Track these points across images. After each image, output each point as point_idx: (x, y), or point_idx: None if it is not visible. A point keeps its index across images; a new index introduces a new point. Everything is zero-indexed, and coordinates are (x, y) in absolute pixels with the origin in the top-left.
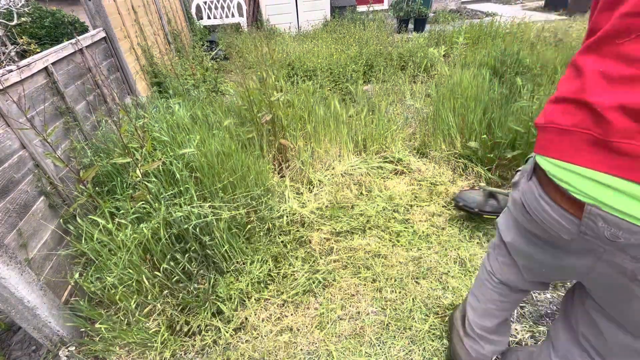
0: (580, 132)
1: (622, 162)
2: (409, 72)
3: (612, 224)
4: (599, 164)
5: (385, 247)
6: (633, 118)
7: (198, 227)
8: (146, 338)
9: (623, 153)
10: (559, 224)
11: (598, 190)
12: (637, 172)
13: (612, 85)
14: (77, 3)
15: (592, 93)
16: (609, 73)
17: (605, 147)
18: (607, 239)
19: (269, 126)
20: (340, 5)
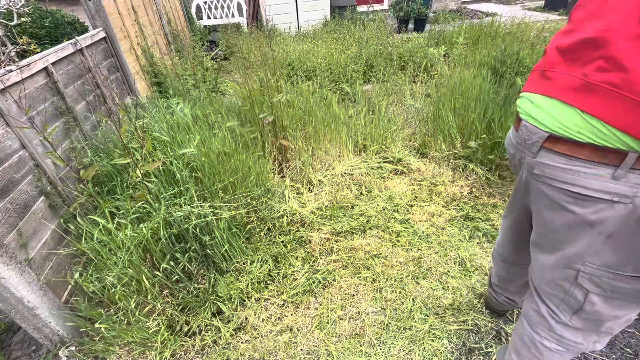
0: (535, 70)
1: (546, 84)
2: (409, 72)
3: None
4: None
5: (385, 247)
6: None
7: (198, 227)
8: (146, 338)
9: (548, 78)
10: (510, 142)
11: (529, 107)
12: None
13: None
14: (77, 3)
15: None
16: (562, 30)
17: (542, 76)
18: (524, 141)
19: (270, 126)
20: (340, 5)
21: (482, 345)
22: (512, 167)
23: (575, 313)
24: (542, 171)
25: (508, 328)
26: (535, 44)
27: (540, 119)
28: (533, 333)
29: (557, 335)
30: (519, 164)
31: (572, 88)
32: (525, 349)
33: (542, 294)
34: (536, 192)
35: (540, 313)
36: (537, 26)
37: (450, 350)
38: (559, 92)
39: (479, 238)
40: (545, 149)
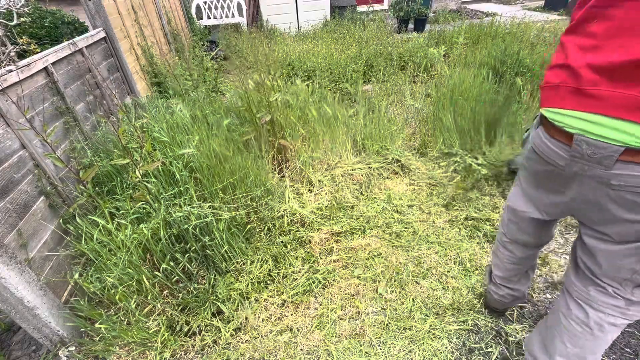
0: (565, 86)
1: (591, 102)
2: (409, 72)
3: (592, 145)
4: (578, 105)
5: (385, 247)
6: (597, 72)
7: (198, 227)
8: (146, 338)
9: (591, 96)
10: (556, 154)
11: (580, 124)
12: (600, 107)
13: (584, 53)
14: (77, 3)
15: (571, 58)
16: (581, 45)
17: (581, 93)
18: (589, 156)
19: (269, 126)
20: (340, 5)
21: (482, 345)
22: (544, 175)
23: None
24: (625, 181)
25: (508, 328)
26: (535, 44)
27: (608, 135)
28: (599, 314)
29: (623, 309)
30: (573, 175)
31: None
32: (587, 333)
33: (608, 278)
34: (616, 200)
35: (608, 294)
36: (537, 26)
37: (450, 350)
38: (619, 111)
39: (479, 238)
40: (623, 162)
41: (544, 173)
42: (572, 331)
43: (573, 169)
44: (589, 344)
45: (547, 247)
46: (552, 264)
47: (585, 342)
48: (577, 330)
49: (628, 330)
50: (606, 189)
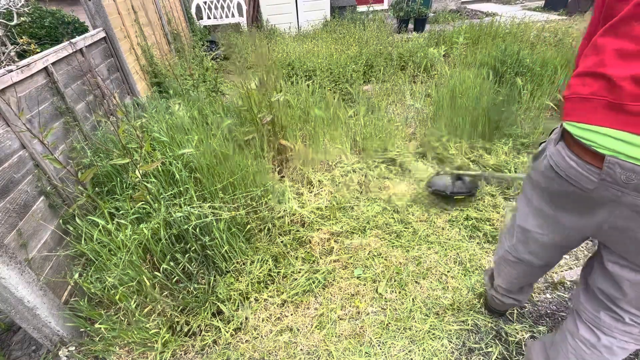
0: (598, 98)
1: (633, 120)
2: (409, 72)
3: (627, 169)
4: (615, 123)
5: (385, 247)
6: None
7: (198, 227)
8: (146, 338)
9: (633, 113)
10: (583, 176)
11: (615, 144)
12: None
13: (625, 60)
14: (77, 3)
15: (609, 66)
16: (623, 50)
17: (619, 109)
18: (623, 182)
19: (269, 126)
20: (340, 5)
21: (482, 345)
22: (565, 195)
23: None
24: None
25: (508, 328)
26: (535, 44)
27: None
28: (611, 339)
29: (637, 336)
30: (601, 200)
31: None
32: (596, 356)
33: (630, 307)
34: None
35: (623, 321)
36: (537, 26)
37: (450, 350)
38: None
39: (479, 238)
40: None
41: (565, 194)
42: (579, 352)
43: (603, 194)
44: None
45: None
46: None
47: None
48: (585, 352)
49: None
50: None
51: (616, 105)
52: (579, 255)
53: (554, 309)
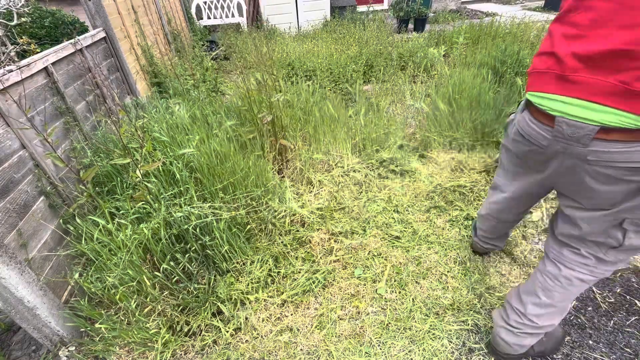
0: (550, 72)
1: (573, 87)
2: (409, 72)
3: (571, 125)
4: (561, 90)
5: (385, 247)
6: (578, 60)
7: (198, 227)
8: (146, 338)
9: (574, 82)
10: (540, 135)
11: (561, 106)
12: (580, 92)
13: (568, 41)
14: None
15: (557, 46)
16: (566, 34)
17: (564, 79)
18: (569, 135)
19: (269, 126)
20: (340, 5)
21: (482, 345)
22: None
23: (612, 249)
24: (599, 157)
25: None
26: (535, 44)
27: (586, 116)
28: (570, 271)
29: (591, 268)
30: (554, 154)
31: (612, 93)
32: (558, 286)
33: (585, 240)
34: (592, 174)
35: (581, 254)
36: (537, 26)
37: (450, 350)
38: (597, 96)
39: None
40: (598, 140)
41: (528, 153)
42: (545, 285)
43: (554, 148)
44: (558, 295)
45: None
46: None
47: (555, 293)
48: (549, 284)
49: (628, 330)
50: (583, 164)
51: (562, 77)
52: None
53: None
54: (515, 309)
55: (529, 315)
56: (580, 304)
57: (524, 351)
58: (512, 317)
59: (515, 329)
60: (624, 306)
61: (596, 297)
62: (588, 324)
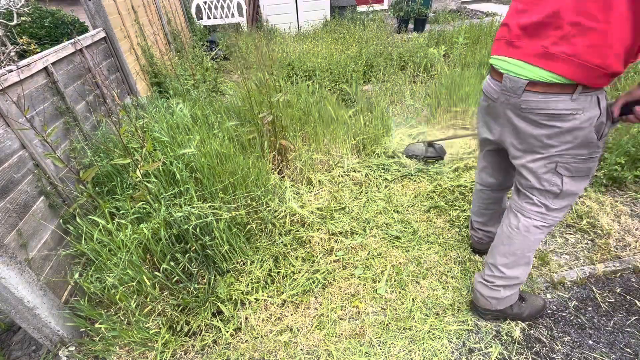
0: (503, 39)
1: (515, 51)
2: (409, 72)
3: (511, 79)
4: (507, 52)
5: (385, 247)
6: (521, 29)
7: (198, 227)
8: (146, 338)
9: (516, 46)
10: (493, 89)
11: (507, 65)
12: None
13: (517, 14)
14: (77, 3)
15: (509, 18)
16: (517, 8)
17: (510, 44)
18: (509, 88)
19: (269, 127)
20: (340, 5)
21: (482, 345)
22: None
23: (556, 197)
24: (528, 105)
25: (508, 328)
26: None
27: (520, 73)
28: (528, 219)
29: (544, 215)
30: (501, 105)
31: (537, 55)
32: (518, 235)
33: (533, 190)
34: (524, 119)
35: (534, 203)
36: None
37: (450, 350)
38: (528, 57)
39: None
40: (527, 91)
41: (487, 109)
42: (508, 234)
43: (501, 99)
44: (518, 243)
45: (547, 247)
46: (552, 264)
47: (515, 241)
48: (511, 233)
49: (628, 330)
50: (518, 111)
51: (510, 42)
52: (579, 255)
53: (554, 309)
54: (488, 264)
55: (498, 265)
56: (580, 304)
57: (502, 308)
58: (486, 272)
59: (489, 283)
60: (624, 306)
61: (596, 297)
62: (588, 324)
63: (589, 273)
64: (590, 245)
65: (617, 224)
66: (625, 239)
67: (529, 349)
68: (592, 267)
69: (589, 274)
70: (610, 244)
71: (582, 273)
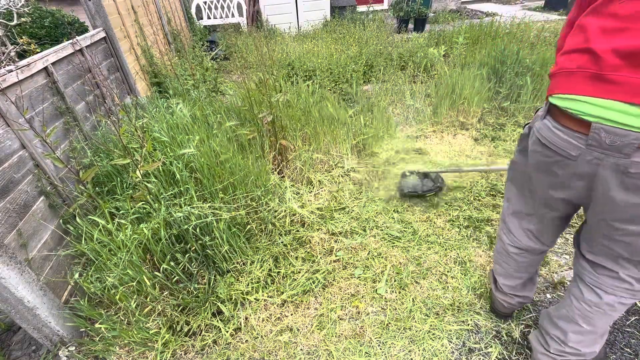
0: (583, 71)
1: (613, 88)
2: (409, 72)
3: (611, 132)
4: (598, 92)
5: (385, 247)
6: (620, 57)
7: (198, 227)
8: (146, 338)
9: (614, 82)
10: (569, 143)
11: (599, 111)
12: (622, 94)
13: (607, 35)
14: (77, 3)
15: (594, 42)
16: (605, 27)
17: (601, 79)
18: (608, 144)
19: (269, 127)
20: (340, 5)
21: (482, 345)
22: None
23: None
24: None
25: (508, 328)
26: (535, 44)
27: (630, 122)
28: (612, 297)
29: (632, 290)
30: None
31: None
32: (600, 313)
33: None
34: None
35: (620, 278)
36: (537, 26)
37: (450, 350)
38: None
39: (479, 239)
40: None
41: (552, 165)
42: (585, 313)
43: (586, 158)
44: (601, 323)
45: None
46: (552, 264)
47: (598, 321)
48: (589, 311)
49: (628, 330)
50: (622, 177)
51: (599, 76)
52: None
53: None
54: (554, 337)
55: (571, 343)
56: None
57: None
58: (553, 346)
59: (557, 357)
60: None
61: None
62: None
63: None
64: None
65: None
66: None
67: (529, 349)
68: None
69: None
70: None
71: None
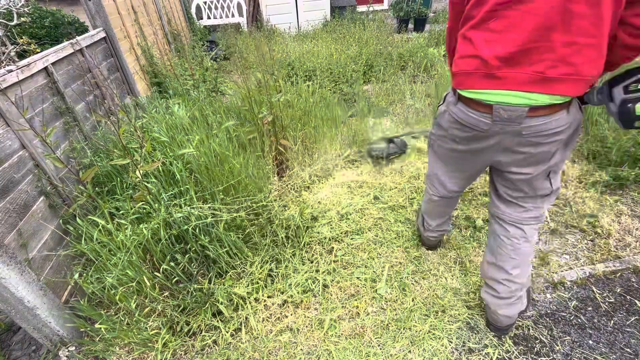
0: (478, 72)
1: (501, 82)
2: (409, 72)
3: (507, 109)
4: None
5: (385, 247)
6: (499, 60)
7: (198, 227)
8: (146, 338)
9: (500, 77)
10: (480, 122)
11: (496, 97)
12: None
13: (489, 45)
14: (77, 3)
15: (481, 50)
16: (486, 39)
17: (491, 77)
18: (506, 118)
19: (269, 127)
20: (340, 5)
21: (482, 345)
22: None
23: (547, 197)
24: (530, 130)
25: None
26: None
27: (517, 102)
28: (528, 227)
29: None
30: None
31: (532, 82)
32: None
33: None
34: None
35: (528, 210)
36: None
37: (450, 350)
38: (521, 86)
39: (479, 239)
40: (528, 117)
41: (468, 137)
42: (515, 246)
43: (494, 129)
44: (525, 249)
45: (547, 247)
46: (552, 264)
47: (524, 249)
48: (520, 245)
49: (628, 330)
50: (518, 138)
51: (490, 74)
52: (579, 255)
53: (554, 309)
54: (501, 281)
55: (513, 279)
56: (581, 304)
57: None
58: (502, 289)
59: (509, 299)
60: (624, 306)
61: (596, 297)
62: (588, 324)
63: (589, 273)
64: (590, 245)
65: (617, 224)
66: (625, 239)
67: (529, 349)
68: (592, 267)
69: (589, 274)
70: (611, 244)
71: (582, 273)
